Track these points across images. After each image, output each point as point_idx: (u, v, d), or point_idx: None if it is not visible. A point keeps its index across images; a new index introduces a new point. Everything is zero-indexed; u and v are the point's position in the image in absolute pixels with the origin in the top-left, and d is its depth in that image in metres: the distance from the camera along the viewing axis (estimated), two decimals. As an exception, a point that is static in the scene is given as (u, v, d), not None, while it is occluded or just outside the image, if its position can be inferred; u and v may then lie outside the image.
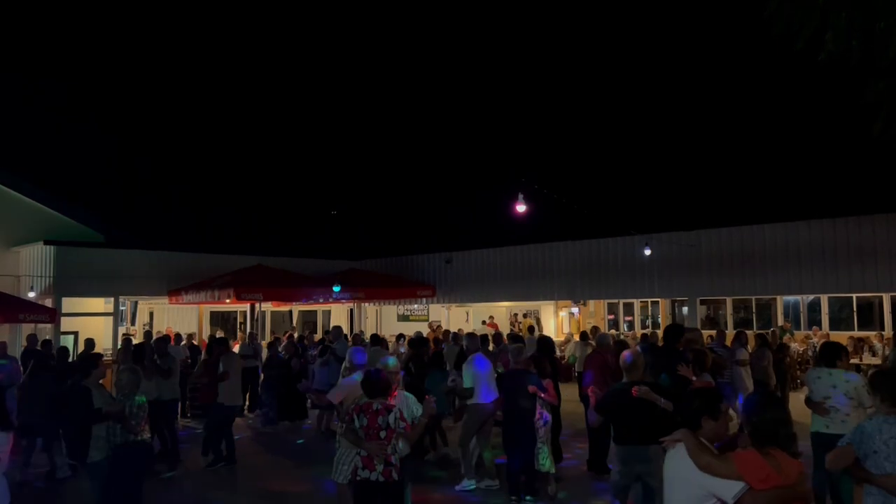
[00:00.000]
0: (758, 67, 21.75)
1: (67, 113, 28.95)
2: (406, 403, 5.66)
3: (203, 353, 12.84)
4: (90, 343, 12.81)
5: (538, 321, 21.88)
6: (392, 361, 5.93)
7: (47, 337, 14.15)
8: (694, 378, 6.01)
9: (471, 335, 9.19)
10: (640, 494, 5.64)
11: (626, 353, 5.84)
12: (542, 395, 7.33)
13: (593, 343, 14.82)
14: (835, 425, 5.99)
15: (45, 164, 23.57)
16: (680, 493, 3.34)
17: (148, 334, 16.77)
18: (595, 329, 18.85)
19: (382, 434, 5.00)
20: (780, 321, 18.64)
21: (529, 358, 7.74)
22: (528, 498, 7.34)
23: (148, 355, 9.93)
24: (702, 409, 3.41)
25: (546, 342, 9.62)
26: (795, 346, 15.86)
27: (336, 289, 16.59)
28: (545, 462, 7.38)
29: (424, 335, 13.87)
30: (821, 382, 6.23)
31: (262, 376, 13.24)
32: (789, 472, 3.10)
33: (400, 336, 16.60)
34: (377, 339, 11.87)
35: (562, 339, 19.47)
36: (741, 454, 3.23)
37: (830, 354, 6.36)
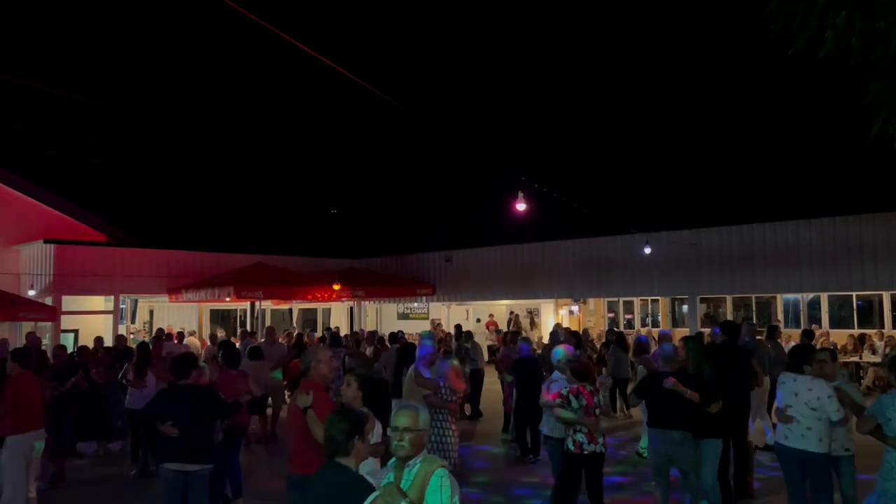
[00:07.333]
0: (757, 67, 21.74)
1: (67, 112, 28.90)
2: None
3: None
4: (98, 340, 12.81)
5: (531, 321, 21.86)
6: (562, 352, 6.67)
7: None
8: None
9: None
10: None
11: (666, 346, 6.46)
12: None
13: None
14: (794, 438, 5.45)
15: (45, 164, 23.54)
16: None
17: (247, 332, 14.63)
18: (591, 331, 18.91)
19: (597, 412, 5.85)
20: (781, 320, 18.61)
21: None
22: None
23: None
24: None
25: (576, 336, 11.14)
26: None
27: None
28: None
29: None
30: (785, 388, 5.66)
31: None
32: None
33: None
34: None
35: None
36: None
37: (797, 358, 5.69)
